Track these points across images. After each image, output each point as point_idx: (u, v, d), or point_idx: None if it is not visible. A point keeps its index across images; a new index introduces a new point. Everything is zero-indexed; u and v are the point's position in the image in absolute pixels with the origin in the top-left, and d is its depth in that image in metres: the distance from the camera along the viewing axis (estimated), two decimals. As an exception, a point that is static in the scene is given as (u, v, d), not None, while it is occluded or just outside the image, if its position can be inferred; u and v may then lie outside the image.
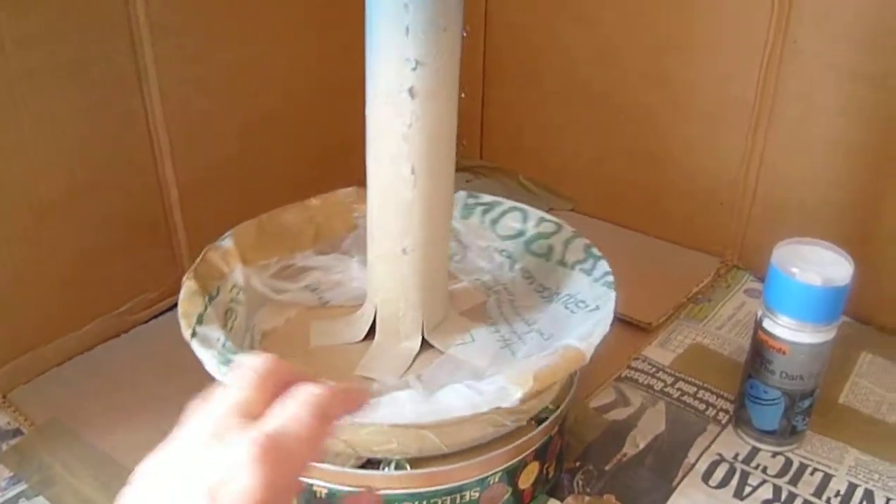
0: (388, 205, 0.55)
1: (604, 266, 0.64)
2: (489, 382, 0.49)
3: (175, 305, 0.55)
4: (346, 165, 0.92)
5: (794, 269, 0.58)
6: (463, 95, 1.02)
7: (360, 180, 0.59)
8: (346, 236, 0.69)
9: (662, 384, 0.70)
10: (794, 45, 0.76)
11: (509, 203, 0.72)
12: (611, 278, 0.62)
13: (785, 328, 0.59)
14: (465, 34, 0.98)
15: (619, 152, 0.92)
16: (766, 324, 0.60)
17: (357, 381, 0.57)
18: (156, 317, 0.77)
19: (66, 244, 0.68)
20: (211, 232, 0.78)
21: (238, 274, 0.61)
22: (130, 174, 0.71)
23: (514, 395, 0.48)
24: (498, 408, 0.48)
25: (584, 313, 0.62)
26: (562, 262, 0.67)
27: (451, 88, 0.53)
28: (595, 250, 0.66)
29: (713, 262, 0.88)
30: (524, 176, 1.00)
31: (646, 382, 0.70)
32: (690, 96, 0.84)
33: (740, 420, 0.65)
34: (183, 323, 0.52)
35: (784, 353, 0.59)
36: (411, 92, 0.50)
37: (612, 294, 0.61)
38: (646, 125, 0.88)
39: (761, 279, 0.85)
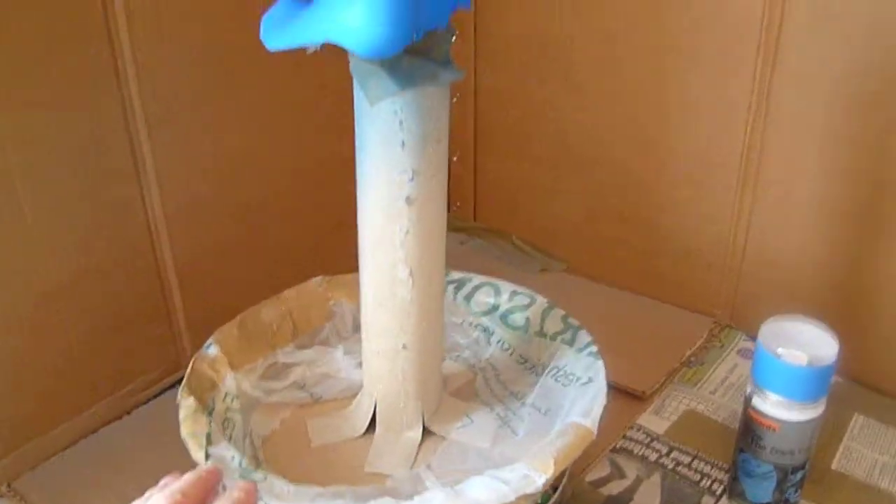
0: (385, 305, 0.57)
1: (584, 336, 0.66)
2: (511, 470, 0.50)
3: (176, 384, 0.56)
4: (343, 242, 0.94)
5: (780, 350, 0.59)
6: (455, 158, 1.05)
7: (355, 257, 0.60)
8: (324, 326, 0.71)
9: (657, 454, 0.71)
10: (777, 110, 0.78)
11: (479, 278, 0.74)
12: (594, 348, 0.64)
13: (774, 406, 0.60)
14: (455, 99, 1.01)
15: (610, 214, 0.93)
16: (756, 401, 0.61)
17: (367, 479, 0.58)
18: (157, 395, 0.78)
19: (67, 330, 0.70)
20: (210, 310, 0.79)
21: (229, 381, 0.62)
22: (130, 258, 0.73)
23: (539, 481, 0.49)
24: (524, 495, 0.49)
25: (577, 386, 0.64)
26: (541, 334, 0.69)
27: (442, 193, 0.54)
28: (572, 320, 0.68)
29: (705, 322, 0.89)
30: (517, 237, 1.01)
31: (640, 453, 0.71)
32: (676, 161, 0.86)
33: (734, 492, 0.66)
34: (191, 444, 0.53)
35: (774, 429, 0.60)
36: (408, 201, 0.52)
37: (600, 363, 0.62)
38: (635, 188, 0.90)
39: (754, 338, 0.86)
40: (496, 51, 0.95)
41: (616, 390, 0.75)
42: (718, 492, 0.67)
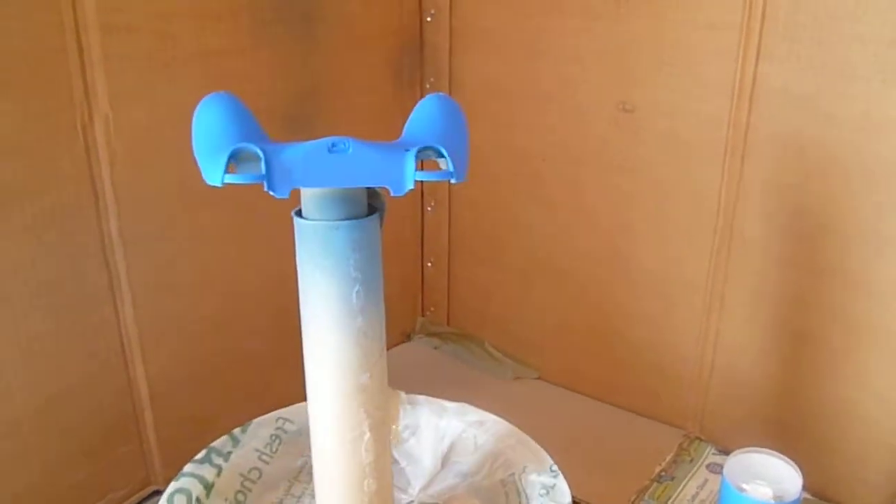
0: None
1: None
2: None
3: (144, 500, 0.53)
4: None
5: (746, 486, 0.60)
6: (429, 264, 1.06)
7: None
8: None
9: (627, 580, 0.71)
10: (742, 237, 0.80)
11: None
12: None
13: (740, 541, 0.61)
14: (430, 207, 1.03)
15: (581, 325, 0.95)
16: (723, 536, 0.62)
17: None
18: (124, 513, 0.77)
19: (36, 455, 0.69)
20: (180, 426, 0.79)
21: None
22: (102, 379, 0.73)
23: None
24: None
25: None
26: None
27: None
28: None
29: (676, 434, 0.90)
30: (490, 343, 1.02)
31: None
32: (646, 277, 0.88)
33: None
34: None
35: (741, 564, 0.61)
36: None
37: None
38: (605, 302, 0.92)
39: (723, 451, 0.87)
40: (471, 161, 0.97)
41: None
42: None
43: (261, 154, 0.41)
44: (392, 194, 0.43)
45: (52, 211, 0.65)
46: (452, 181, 0.44)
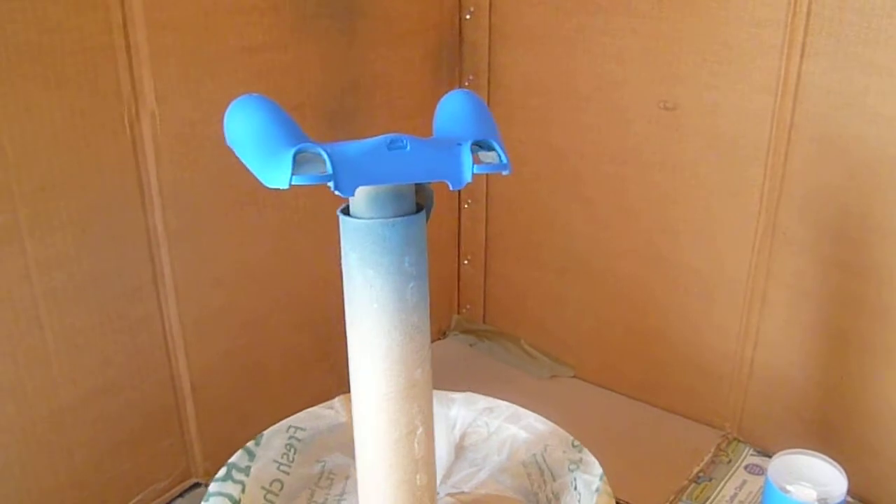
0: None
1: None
2: None
3: (185, 492, 0.53)
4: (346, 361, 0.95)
5: (790, 487, 0.60)
6: (466, 262, 1.06)
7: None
8: None
9: (666, 580, 0.71)
10: (784, 236, 0.79)
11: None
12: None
13: (784, 543, 0.60)
14: (467, 205, 1.03)
15: (619, 324, 0.94)
16: (766, 538, 0.61)
17: None
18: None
19: (80, 447, 0.70)
20: (221, 419, 0.80)
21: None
22: (145, 372, 0.74)
23: None
24: None
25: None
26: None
27: None
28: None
29: (713, 434, 0.89)
30: (526, 341, 1.02)
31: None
32: (685, 275, 0.87)
33: None
34: None
35: (785, 566, 0.61)
36: None
37: None
38: (643, 300, 0.91)
39: (761, 453, 0.86)
40: (509, 157, 0.97)
41: (625, 510, 0.76)
42: None
43: (325, 155, 0.41)
44: (451, 188, 0.44)
45: (97, 205, 0.66)
46: (505, 173, 0.44)
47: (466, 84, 0.98)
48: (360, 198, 0.47)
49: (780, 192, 0.78)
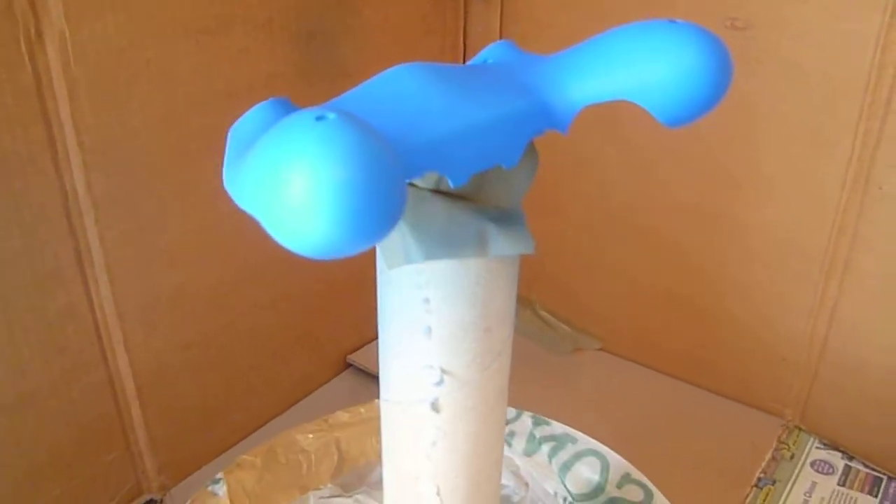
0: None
1: None
2: None
3: None
4: (332, 340, 0.80)
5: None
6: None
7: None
8: (377, 464, 0.55)
9: None
10: (880, 192, 0.64)
11: (585, 442, 0.58)
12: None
13: None
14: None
15: (659, 289, 0.79)
16: None
17: None
18: (112, 528, 0.63)
19: (5, 469, 0.54)
20: (178, 420, 0.65)
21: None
22: (73, 376, 0.57)
23: None
24: None
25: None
26: None
27: (495, 398, 0.38)
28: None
29: (771, 422, 0.75)
30: (542, 306, 0.87)
31: None
32: (747, 235, 0.72)
33: None
34: None
35: None
36: (434, 407, 0.36)
37: None
38: (690, 266, 0.76)
39: (827, 445, 0.73)
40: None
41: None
42: None
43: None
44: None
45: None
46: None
47: (475, -6, 0.79)
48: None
49: (878, 138, 0.62)
